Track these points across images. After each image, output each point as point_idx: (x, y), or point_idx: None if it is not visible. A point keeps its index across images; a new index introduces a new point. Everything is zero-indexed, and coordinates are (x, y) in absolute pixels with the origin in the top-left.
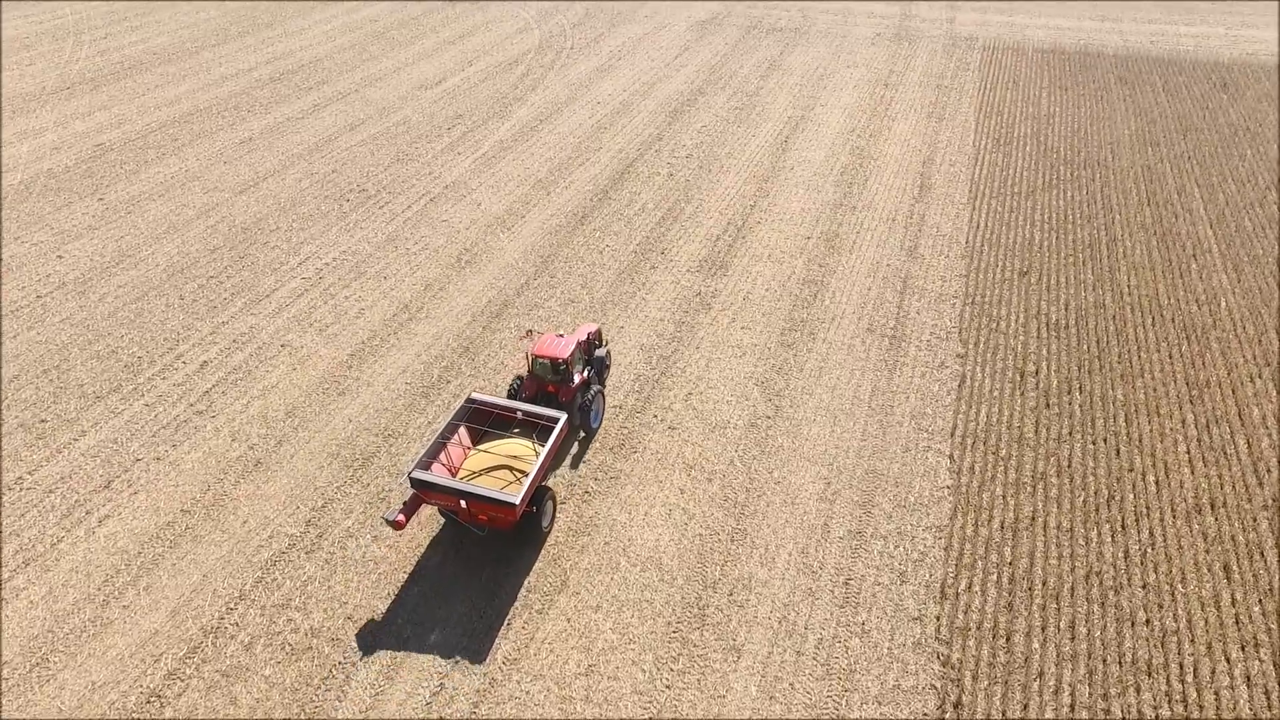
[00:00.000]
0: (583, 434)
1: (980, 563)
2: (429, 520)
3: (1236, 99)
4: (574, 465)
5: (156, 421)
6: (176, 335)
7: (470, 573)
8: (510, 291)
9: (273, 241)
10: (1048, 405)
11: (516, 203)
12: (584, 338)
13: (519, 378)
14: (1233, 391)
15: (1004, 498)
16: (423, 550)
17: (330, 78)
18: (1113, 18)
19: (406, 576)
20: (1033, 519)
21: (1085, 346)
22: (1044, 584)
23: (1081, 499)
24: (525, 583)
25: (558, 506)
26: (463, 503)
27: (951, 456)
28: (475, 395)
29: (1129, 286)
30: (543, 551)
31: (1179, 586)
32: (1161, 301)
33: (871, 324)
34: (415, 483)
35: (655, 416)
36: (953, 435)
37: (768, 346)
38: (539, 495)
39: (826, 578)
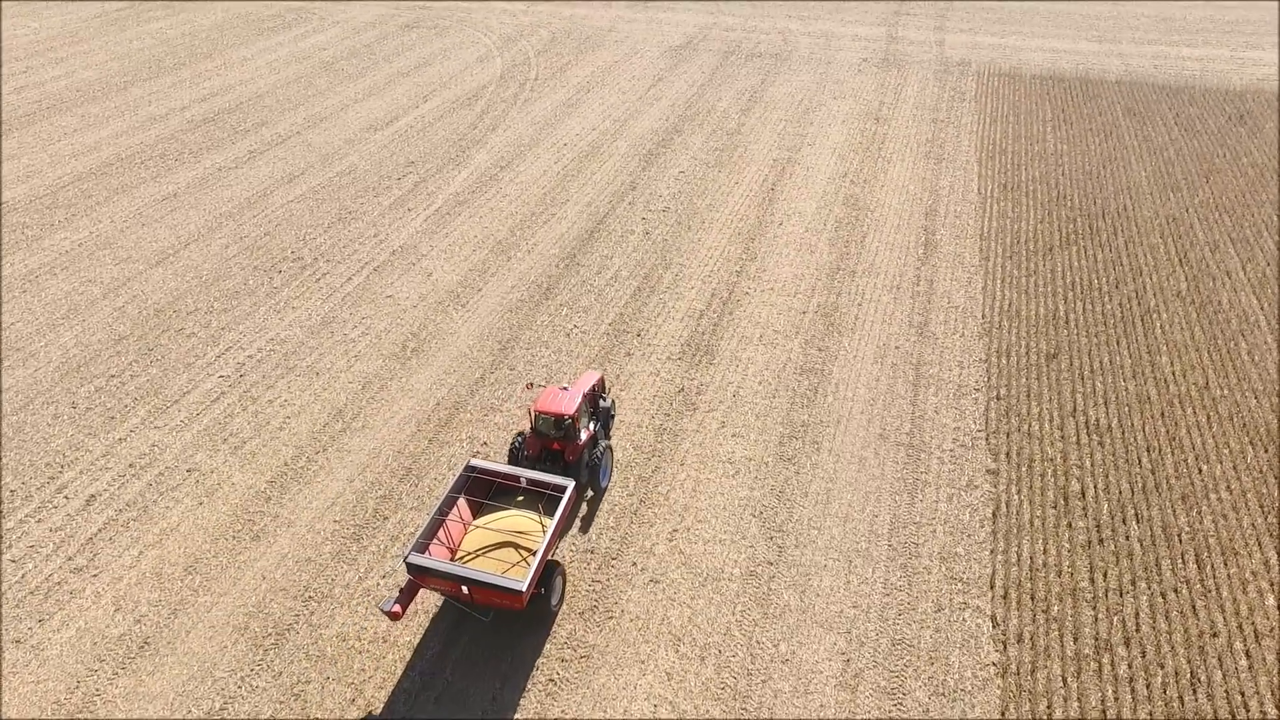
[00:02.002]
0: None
1: None
2: None
3: (1255, 133)
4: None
5: (23, 585)
6: (61, 459)
7: None
8: (462, 390)
9: (189, 327)
10: (1100, 540)
11: (472, 271)
12: (588, 389)
13: (520, 434)
14: None
15: (1064, 679)
16: None
17: (270, 118)
18: (1110, 39)
19: None
20: (1103, 713)
21: (1135, 456)
22: None
23: (1159, 680)
24: None
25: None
26: (464, 588)
27: (994, 618)
28: (474, 462)
29: (1174, 374)
30: None
31: None
32: (1215, 394)
33: (884, 428)
34: (412, 568)
35: (634, 564)
36: (992, 587)
37: (765, 461)
38: (547, 573)
39: None
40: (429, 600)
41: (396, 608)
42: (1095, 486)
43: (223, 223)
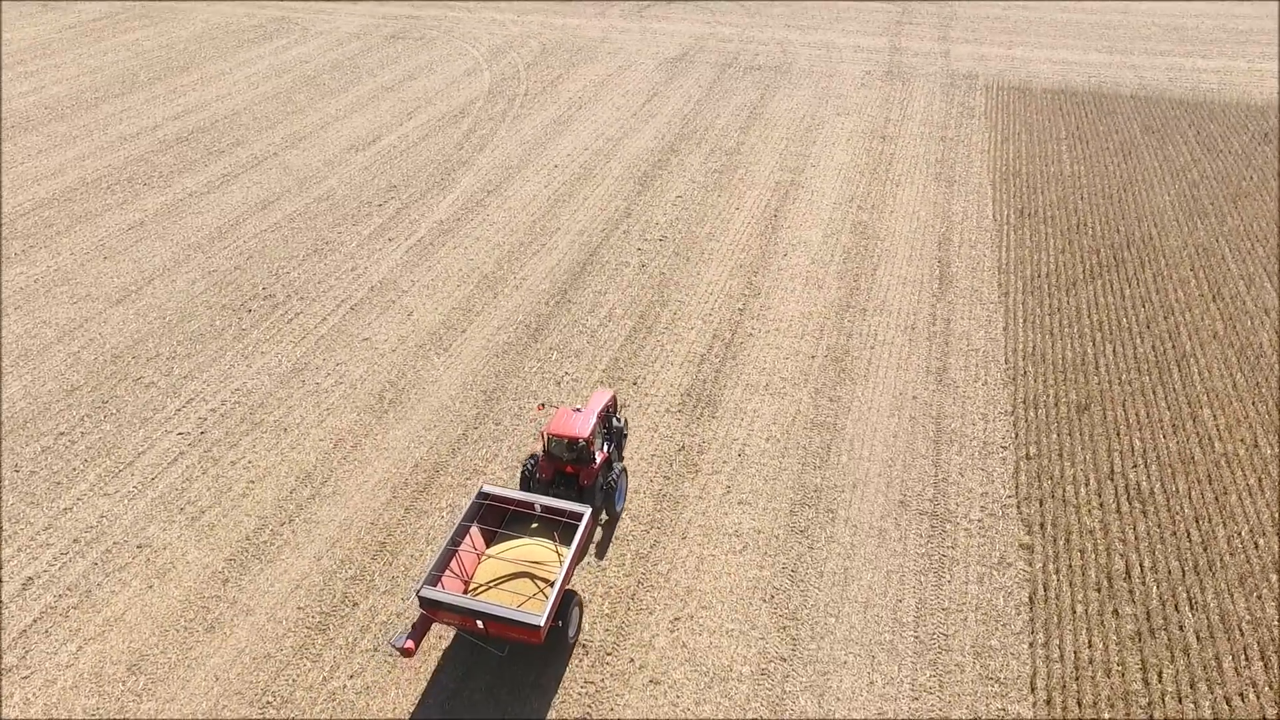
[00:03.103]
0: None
1: None
2: None
3: None
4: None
5: None
6: None
7: None
8: (443, 449)
9: (148, 376)
10: (1152, 631)
11: (456, 309)
12: (600, 409)
13: (533, 456)
14: None
15: None
16: None
17: (246, 137)
18: (1121, 50)
19: None
20: None
21: (1182, 528)
22: None
23: None
24: None
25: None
26: (479, 622)
27: None
28: (487, 488)
29: (1217, 429)
30: None
31: None
32: (1265, 452)
33: (904, 493)
34: (425, 603)
35: (632, 660)
36: (1034, 690)
37: (775, 534)
38: (564, 603)
39: None
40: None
41: (409, 643)
42: (1141, 565)
43: (191, 255)
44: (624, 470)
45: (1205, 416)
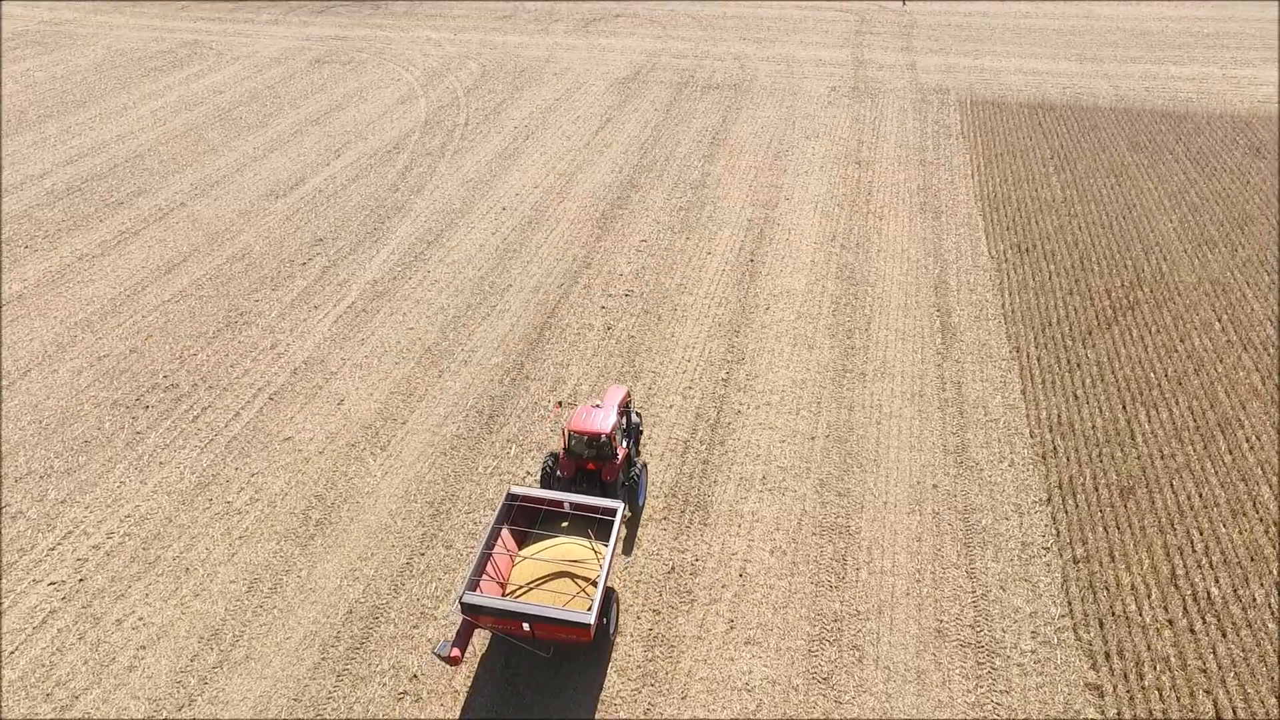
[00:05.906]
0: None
1: None
2: None
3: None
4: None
5: None
6: None
7: None
8: (382, 586)
9: (15, 503)
10: None
11: (395, 394)
12: (619, 403)
13: (553, 454)
14: None
15: None
16: None
17: (149, 184)
18: (1091, 58)
19: None
20: None
21: (1271, 650)
22: None
23: None
24: None
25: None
26: (526, 625)
27: None
28: (515, 489)
29: None
30: None
31: None
32: None
33: (940, 619)
34: (468, 608)
35: None
36: None
37: (793, 684)
38: (605, 600)
39: None
40: None
41: (455, 651)
42: (1233, 706)
43: (77, 336)
44: (645, 465)
45: (1265, 497)
